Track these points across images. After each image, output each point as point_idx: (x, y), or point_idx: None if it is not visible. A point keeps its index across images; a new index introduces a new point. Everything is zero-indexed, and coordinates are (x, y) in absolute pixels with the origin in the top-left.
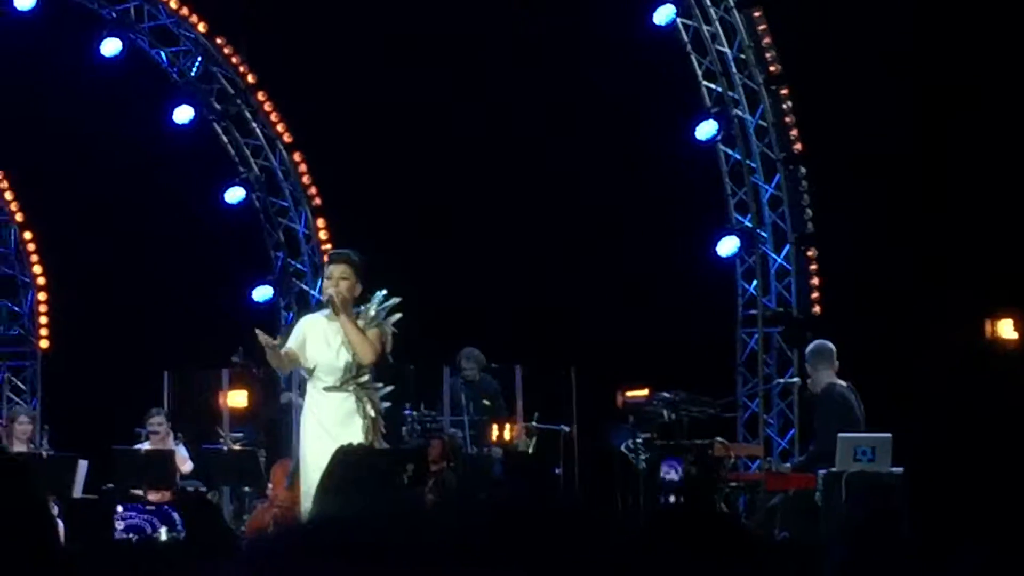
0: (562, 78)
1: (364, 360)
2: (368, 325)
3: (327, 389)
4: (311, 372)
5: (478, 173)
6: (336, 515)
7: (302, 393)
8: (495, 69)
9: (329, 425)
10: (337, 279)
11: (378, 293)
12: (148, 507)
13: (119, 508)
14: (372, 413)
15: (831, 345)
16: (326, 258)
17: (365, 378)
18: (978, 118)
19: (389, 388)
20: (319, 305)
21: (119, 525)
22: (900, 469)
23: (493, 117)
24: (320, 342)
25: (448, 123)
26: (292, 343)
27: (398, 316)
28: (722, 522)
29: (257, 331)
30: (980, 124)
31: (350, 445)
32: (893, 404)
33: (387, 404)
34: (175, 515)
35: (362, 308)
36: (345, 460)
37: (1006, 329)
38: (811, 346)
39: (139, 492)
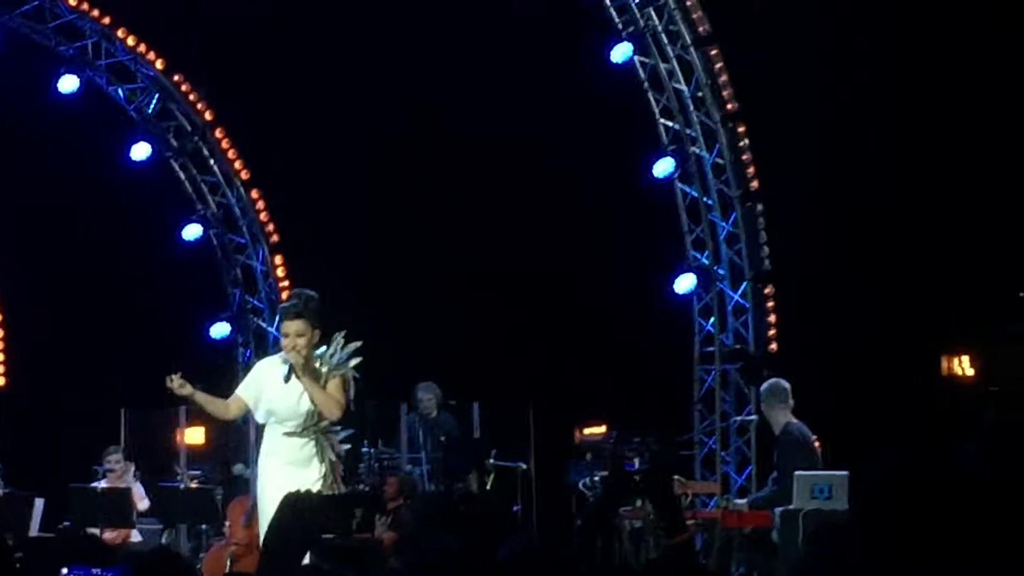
0: (519, 115)
1: (331, 418)
2: (332, 371)
3: (287, 434)
4: (270, 416)
5: (435, 210)
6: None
7: (259, 437)
8: (452, 107)
9: (290, 468)
10: (294, 337)
11: (338, 336)
12: (94, 572)
13: (64, 570)
14: (332, 457)
15: (785, 384)
16: (284, 296)
17: (325, 423)
18: (935, 156)
19: (349, 431)
20: (276, 343)
21: None
22: None
23: (448, 155)
24: (278, 386)
25: (404, 160)
26: (244, 390)
27: (359, 360)
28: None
29: (171, 378)
30: (937, 162)
31: (298, 492)
32: (850, 441)
33: (347, 447)
34: None
35: (324, 351)
36: (294, 507)
37: (963, 365)
38: (765, 386)
39: (95, 531)
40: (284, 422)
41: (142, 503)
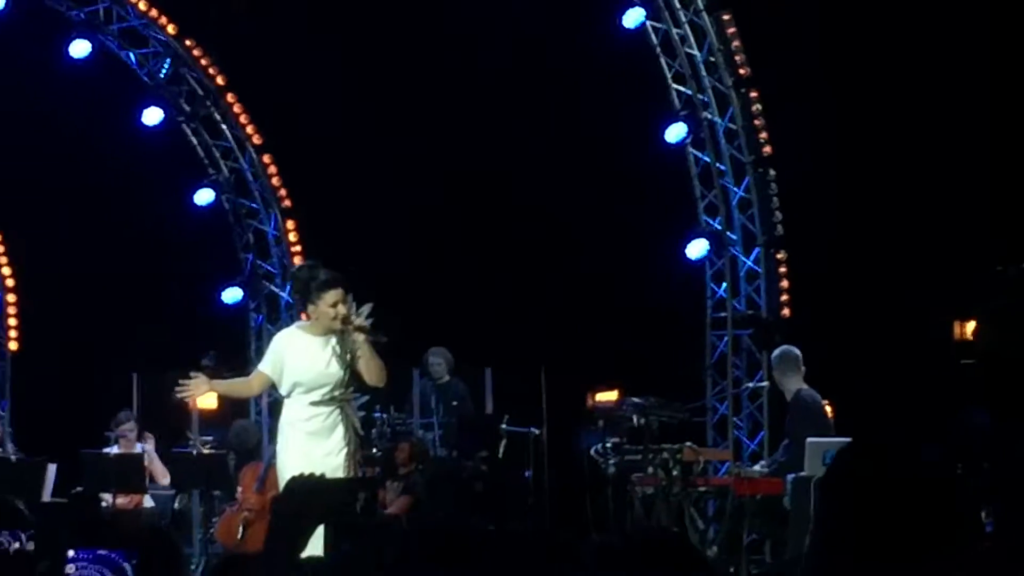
0: (532, 81)
1: (379, 384)
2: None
3: (313, 404)
4: (294, 388)
5: (448, 175)
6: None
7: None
8: (467, 72)
9: (312, 438)
10: (343, 304)
11: (349, 298)
12: (100, 553)
13: (70, 552)
14: (355, 423)
15: (796, 351)
16: (296, 261)
17: (350, 391)
18: (948, 117)
19: (366, 397)
20: (288, 308)
21: (71, 570)
22: None
23: (463, 121)
24: (303, 357)
25: (418, 125)
26: (268, 366)
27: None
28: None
29: (185, 384)
30: (950, 124)
31: (302, 475)
32: (862, 407)
33: (361, 413)
34: (126, 565)
35: None
36: (296, 491)
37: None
38: (776, 353)
39: (107, 496)
40: (311, 391)
41: (164, 479)
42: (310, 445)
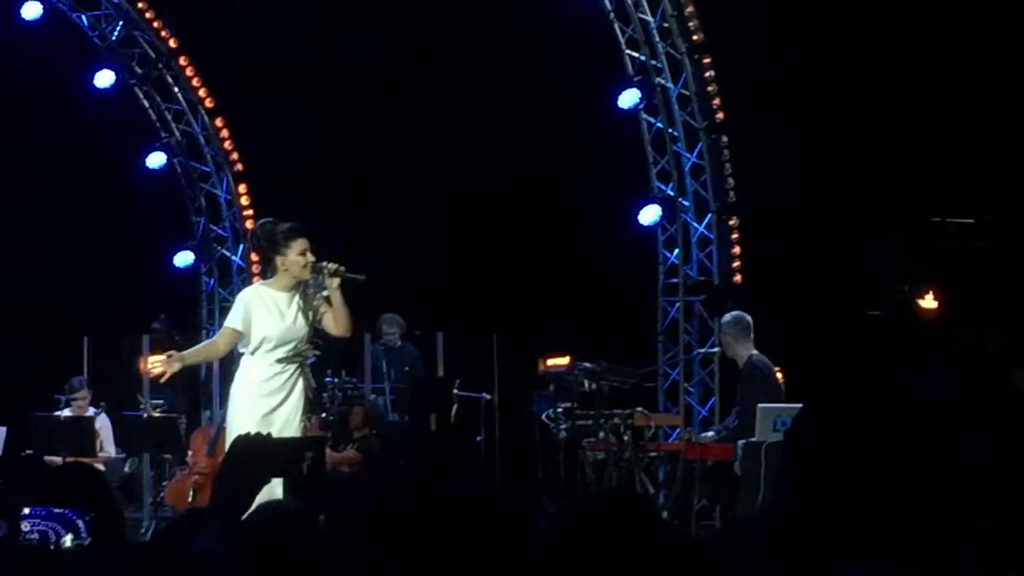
0: (484, 45)
1: (347, 334)
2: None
3: (279, 361)
4: (260, 345)
5: (399, 140)
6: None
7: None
8: (417, 36)
9: (270, 397)
10: (309, 252)
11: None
12: (54, 511)
13: (25, 510)
14: (312, 383)
15: (748, 317)
16: (249, 225)
17: (311, 347)
18: (901, 88)
19: (316, 355)
20: (240, 272)
21: (25, 527)
22: None
23: (415, 83)
24: (271, 313)
25: (370, 89)
26: (239, 322)
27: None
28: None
29: (155, 363)
30: (903, 95)
31: (248, 434)
32: (813, 374)
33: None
34: (80, 522)
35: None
36: (243, 450)
37: (927, 300)
38: (727, 319)
39: (56, 459)
40: (278, 348)
41: (109, 446)
42: (265, 406)
